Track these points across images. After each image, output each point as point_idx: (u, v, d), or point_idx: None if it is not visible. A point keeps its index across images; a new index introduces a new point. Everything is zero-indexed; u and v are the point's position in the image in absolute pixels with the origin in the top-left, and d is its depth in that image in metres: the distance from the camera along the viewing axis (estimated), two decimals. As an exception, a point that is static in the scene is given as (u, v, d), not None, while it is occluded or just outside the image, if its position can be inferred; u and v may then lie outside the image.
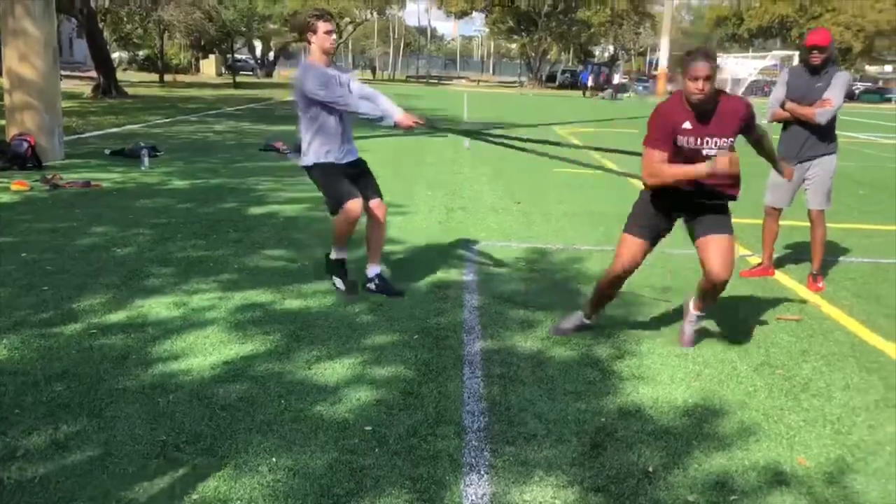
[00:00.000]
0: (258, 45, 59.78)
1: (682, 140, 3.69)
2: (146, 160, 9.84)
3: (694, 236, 3.92)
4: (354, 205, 4.53)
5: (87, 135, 13.28)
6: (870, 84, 74.69)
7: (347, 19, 66.27)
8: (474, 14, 63.40)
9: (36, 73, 9.63)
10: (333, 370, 3.61)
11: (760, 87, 53.63)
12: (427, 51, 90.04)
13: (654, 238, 3.97)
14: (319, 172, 4.65)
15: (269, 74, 57.28)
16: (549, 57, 69.26)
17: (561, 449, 2.96)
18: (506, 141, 5.61)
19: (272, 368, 3.60)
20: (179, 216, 6.89)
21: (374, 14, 71.59)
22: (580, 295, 4.87)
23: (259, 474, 2.69)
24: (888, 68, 79.48)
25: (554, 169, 10.16)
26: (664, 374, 3.75)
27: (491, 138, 6.09)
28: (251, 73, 57.93)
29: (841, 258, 6.34)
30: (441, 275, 5.29)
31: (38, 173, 8.71)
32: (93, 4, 26.70)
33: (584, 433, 3.10)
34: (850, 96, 64.08)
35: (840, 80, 5.12)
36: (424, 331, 4.18)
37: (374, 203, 4.75)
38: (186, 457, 2.78)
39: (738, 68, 37.01)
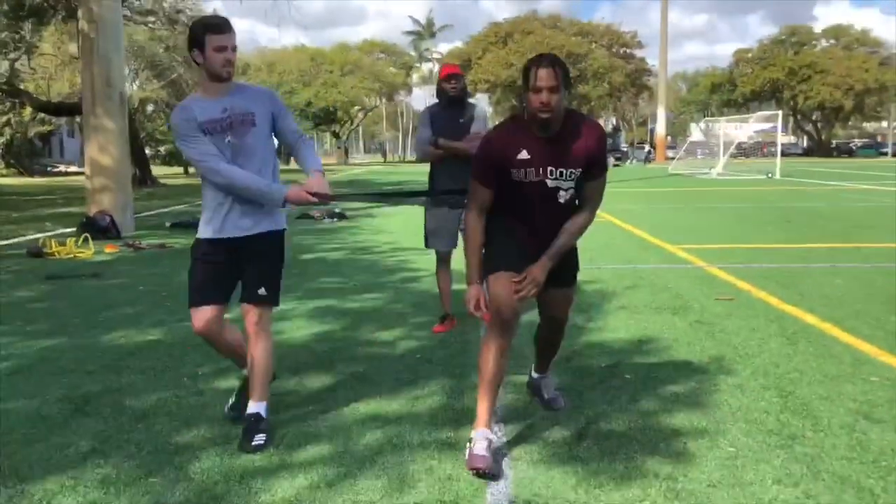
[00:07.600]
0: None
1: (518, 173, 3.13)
2: (204, 228, 11.60)
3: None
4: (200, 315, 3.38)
5: (143, 213, 15.14)
6: (867, 140, 77.50)
7: (358, 107, 69.66)
8: (478, 95, 66.53)
9: (112, 161, 11.55)
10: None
11: (759, 149, 55.78)
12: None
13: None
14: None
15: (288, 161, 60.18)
16: (551, 131, 71.88)
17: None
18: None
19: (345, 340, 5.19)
20: (247, 262, 8.57)
21: (383, 100, 75.20)
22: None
23: (351, 439, 4.26)
24: (884, 124, 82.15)
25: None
26: (620, 330, 5.31)
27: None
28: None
29: (777, 264, 7.90)
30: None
31: (120, 241, 10.48)
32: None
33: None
34: (848, 152, 67.05)
35: (482, 115, 5.28)
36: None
37: (247, 309, 3.39)
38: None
39: (737, 132, 38.43)
